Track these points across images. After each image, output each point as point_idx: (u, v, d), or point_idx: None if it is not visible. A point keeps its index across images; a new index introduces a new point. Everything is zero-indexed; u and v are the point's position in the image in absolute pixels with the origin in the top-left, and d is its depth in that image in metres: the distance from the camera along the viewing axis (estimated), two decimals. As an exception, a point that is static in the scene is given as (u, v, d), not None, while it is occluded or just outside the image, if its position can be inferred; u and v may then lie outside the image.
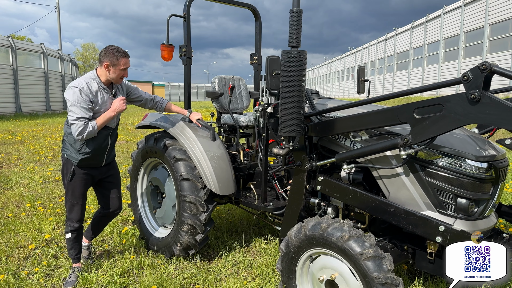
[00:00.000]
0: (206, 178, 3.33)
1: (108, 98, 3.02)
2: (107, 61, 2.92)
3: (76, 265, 3.22)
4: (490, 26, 20.51)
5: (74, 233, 3.17)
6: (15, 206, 5.19)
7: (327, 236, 2.34)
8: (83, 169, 3.05)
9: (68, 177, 3.04)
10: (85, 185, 3.12)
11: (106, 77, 2.99)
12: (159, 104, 3.50)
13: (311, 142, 2.86)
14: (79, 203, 3.11)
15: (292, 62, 2.40)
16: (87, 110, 2.87)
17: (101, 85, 2.99)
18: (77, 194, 3.08)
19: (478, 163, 2.28)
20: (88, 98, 2.88)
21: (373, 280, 2.14)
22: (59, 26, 27.69)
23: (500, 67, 1.89)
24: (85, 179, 3.08)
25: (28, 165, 8.03)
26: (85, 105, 2.86)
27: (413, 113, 2.18)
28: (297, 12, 2.42)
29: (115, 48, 2.96)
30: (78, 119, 2.84)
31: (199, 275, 3.29)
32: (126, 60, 2.97)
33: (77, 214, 3.13)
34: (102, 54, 2.96)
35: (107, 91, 3.04)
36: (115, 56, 2.92)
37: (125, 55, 2.98)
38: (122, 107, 2.99)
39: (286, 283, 2.64)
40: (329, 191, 2.76)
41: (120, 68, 2.96)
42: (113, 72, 2.96)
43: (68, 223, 3.15)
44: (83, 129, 2.84)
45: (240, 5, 4.29)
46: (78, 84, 2.91)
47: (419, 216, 2.32)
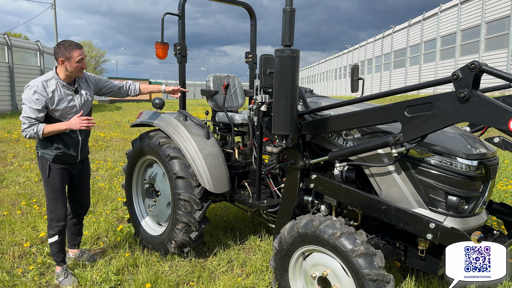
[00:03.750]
0: (201, 176, 3.35)
1: (67, 95, 3.01)
2: (61, 57, 2.92)
3: (61, 266, 3.21)
4: (486, 24, 20.56)
5: (61, 235, 3.14)
6: (10, 204, 5.19)
7: (319, 234, 2.36)
8: (59, 165, 3.07)
9: (45, 174, 3.05)
10: (63, 180, 3.13)
11: (65, 73, 2.99)
12: (132, 87, 3.56)
13: (304, 140, 2.87)
14: (60, 198, 3.11)
15: (285, 60, 2.42)
16: (36, 111, 2.88)
17: (60, 82, 2.99)
18: (57, 189, 3.08)
19: (469, 161, 2.30)
20: (40, 98, 2.87)
21: (364, 277, 2.16)
22: (55, 23, 27.53)
23: (489, 66, 1.91)
24: (62, 173, 3.10)
25: (24, 163, 8.01)
26: (34, 105, 2.87)
27: (404, 111, 2.19)
28: (290, 11, 2.43)
29: (66, 42, 2.96)
30: (25, 117, 2.89)
31: (194, 273, 3.30)
32: (79, 51, 2.94)
33: (62, 211, 3.12)
34: (55, 51, 2.96)
35: (68, 87, 3.03)
36: (66, 50, 2.91)
37: (77, 46, 2.96)
38: (77, 126, 2.91)
39: (279, 280, 2.66)
40: (322, 189, 2.78)
41: (75, 61, 2.94)
42: (69, 66, 2.95)
43: (53, 224, 3.11)
44: (27, 128, 2.89)
45: (235, 3, 4.29)
46: (33, 83, 2.93)
47: (410, 213, 2.34)
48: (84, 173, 3.35)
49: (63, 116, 3.01)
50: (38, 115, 2.90)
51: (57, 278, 3.16)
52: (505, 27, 19.12)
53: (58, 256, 3.20)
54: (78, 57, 2.95)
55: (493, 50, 20.02)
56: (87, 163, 3.39)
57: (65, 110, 3.00)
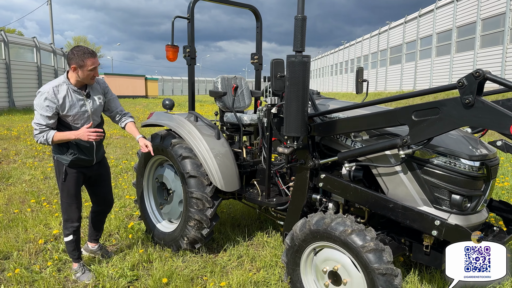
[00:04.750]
0: (212, 175, 3.47)
1: (78, 100, 3.02)
2: (73, 64, 2.92)
3: (78, 263, 3.32)
4: (482, 21, 20.74)
5: (75, 234, 3.27)
6: (19, 202, 5.29)
7: (330, 230, 2.49)
8: (75, 169, 3.13)
9: (61, 177, 3.11)
10: (78, 184, 3.21)
11: (76, 79, 2.99)
12: (123, 119, 3.39)
13: (313, 141, 3.00)
14: (75, 201, 3.20)
15: (297, 65, 2.55)
16: (46, 118, 2.92)
17: (71, 87, 3.00)
18: (72, 193, 3.17)
19: (471, 161, 2.44)
20: (51, 105, 2.90)
21: (374, 271, 2.30)
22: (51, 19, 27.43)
23: (492, 74, 2.05)
24: (78, 177, 3.17)
25: (27, 161, 8.09)
26: (45, 112, 2.90)
27: (411, 115, 2.33)
28: (301, 19, 2.56)
29: (80, 49, 2.94)
30: (36, 124, 2.94)
31: (206, 267, 3.44)
32: (93, 60, 2.94)
33: (76, 213, 3.22)
34: (68, 57, 2.95)
35: (79, 92, 3.04)
36: (80, 58, 2.90)
37: (91, 55, 2.95)
38: (84, 137, 2.92)
39: (291, 274, 2.80)
40: (331, 187, 2.91)
41: (88, 69, 2.94)
42: (81, 73, 2.95)
43: (68, 225, 3.22)
44: (38, 135, 2.95)
45: (242, 5, 4.40)
46: (44, 89, 2.94)
47: (416, 211, 2.48)
48: (103, 173, 3.42)
49: (76, 121, 3.05)
50: (49, 122, 2.94)
51: (75, 274, 3.28)
52: (500, 24, 19.30)
53: (74, 254, 3.32)
54: (91, 66, 2.94)
55: (488, 47, 20.21)
56: (105, 163, 3.46)
57: (76, 115, 3.03)
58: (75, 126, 3.05)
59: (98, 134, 2.95)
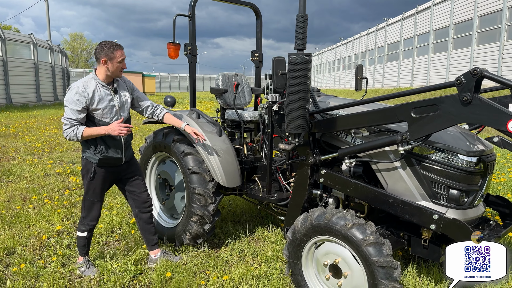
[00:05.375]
0: (214, 172, 3.52)
1: (106, 94, 3.08)
2: (103, 57, 3.00)
3: (83, 258, 3.37)
4: (479, 18, 20.83)
5: (90, 232, 3.33)
6: (21, 198, 5.33)
7: (331, 225, 2.56)
8: (103, 168, 3.17)
9: (89, 176, 3.14)
10: (105, 183, 3.25)
11: (105, 74, 3.07)
12: (158, 112, 3.48)
13: (314, 137, 3.06)
14: (99, 201, 3.25)
15: (299, 63, 2.60)
16: (76, 112, 2.96)
17: (99, 82, 3.07)
18: (97, 191, 3.21)
19: (469, 157, 2.51)
20: (81, 99, 2.95)
21: (374, 264, 2.37)
22: (47, 16, 27.31)
23: (490, 72, 2.11)
24: (106, 177, 3.21)
25: (26, 158, 8.11)
26: (75, 106, 2.95)
27: (410, 112, 2.39)
28: (303, 17, 2.61)
29: (108, 43, 3.06)
30: (66, 119, 2.99)
31: (208, 262, 3.50)
32: (121, 51, 3.06)
33: (96, 212, 3.27)
34: (97, 51, 3.03)
35: (107, 87, 3.10)
36: (110, 50, 3.00)
37: (119, 47, 3.07)
38: (115, 132, 2.97)
39: (292, 268, 2.86)
40: (331, 183, 2.98)
41: (118, 61, 3.04)
42: (111, 66, 3.03)
43: (86, 222, 3.28)
44: (67, 129, 2.98)
45: (242, 3, 4.44)
46: (74, 85, 3.02)
47: (415, 206, 2.54)
48: (134, 171, 3.38)
49: (104, 116, 3.08)
50: (79, 116, 2.98)
51: (79, 268, 3.33)
52: (497, 21, 19.39)
53: (83, 249, 3.37)
54: (120, 58, 3.05)
55: (485, 43, 20.31)
56: (134, 162, 3.42)
57: (105, 109, 3.08)
58: (103, 121, 3.10)
59: (129, 129, 3.05)
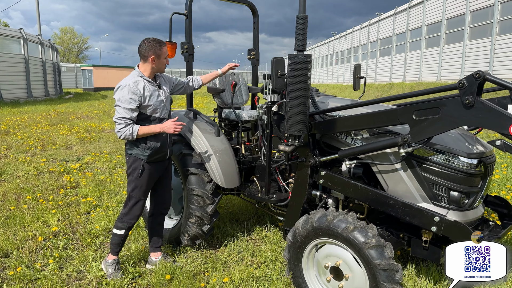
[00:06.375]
0: (212, 172, 3.50)
1: (154, 90, 3.11)
2: (152, 54, 3.04)
3: (115, 257, 3.30)
4: (471, 13, 20.93)
5: (128, 230, 3.27)
6: (14, 198, 5.25)
7: (333, 227, 2.55)
8: (151, 164, 3.15)
9: (137, 173, 3.10)
10: (152, 180, 3.22)
11: (151, 70, 3.11)
12: (195, 80, 3.63)
13: (314, 139, 3.05)
14: (143, 198, 3.22)
15: (299, 65, 2.58)
16: (130, 111, 2.96)
17: (145, 79, 3.08)
18: (144, 189, 3.18)
19: (469, 159, 2.51)
20: (134, 97, 2.95)
21: (376, 267, 2.37)
22: (37, 10, 26.88)
23: (492, 75, 2.11)
24: (152, 173, 3.18)
25: (19, 156, 8.01)
26: (128, 105, 2.94)
27: (412, 114, 2.39)
28: (303, 18, 2.59)
29: (153, 40, 3.08)
30: (119, 118, 2.96)
31: (207, 263, 3.48)
32: (166, 47, 3.14)
33: (139, 210, 3.22)
34: (144, 49, 3.05)
35: (152, 83, 3.13)
36: (157, 47, 3.06)
37: (164, 43, 3.16)
38: (170, 130, 3.02)
39: (293, 270, 2.86)
40: (331, 184, 2.97)
41: (164, 57, 3.12)
42: (158, 62, 3.10)
43: (125, 219, 3.21)
44: (123, 129, 2.95)
45: (239, 1, 4.39)
46: (124, 82, 3.01)
47: (416, 207, 2.55)
48: (168, 170, 3.40)
49: (154, 111, 3.09)
50: (132, 115, 2.97)
51: (106, 269, 3.24)
52: (488, 16, 19.50)
53: (116, 247, 3.29)
54: (166, 54, 3.13)
55: (477, 38, 20.43)
56: (171, 161, 3.45)
57: (155, 105, 3.09)
58: (154, 116, 3.10)
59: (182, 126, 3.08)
